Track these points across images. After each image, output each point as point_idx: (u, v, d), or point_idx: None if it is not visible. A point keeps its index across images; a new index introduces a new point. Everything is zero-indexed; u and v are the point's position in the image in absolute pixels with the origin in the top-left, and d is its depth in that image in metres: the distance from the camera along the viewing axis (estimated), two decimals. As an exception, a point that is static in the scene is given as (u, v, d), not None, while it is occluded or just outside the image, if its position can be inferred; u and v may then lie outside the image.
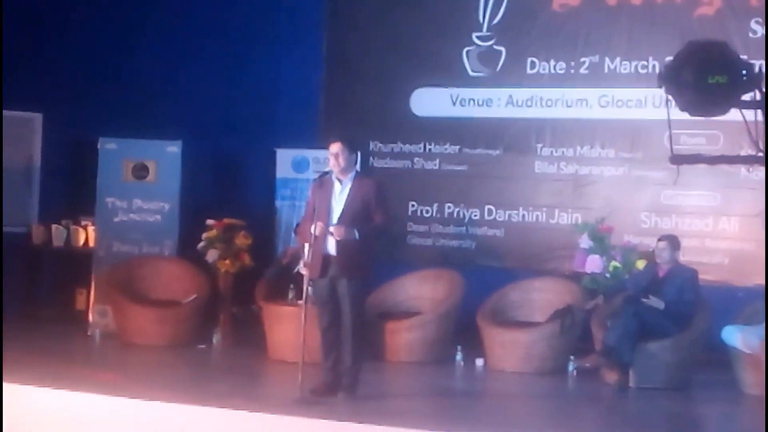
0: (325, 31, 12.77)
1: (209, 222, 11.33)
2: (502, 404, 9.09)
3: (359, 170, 8.81)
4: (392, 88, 12.31)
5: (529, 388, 9.67)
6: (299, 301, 8.90)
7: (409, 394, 9.33)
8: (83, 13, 12.46)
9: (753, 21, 10.91)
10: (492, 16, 11.97)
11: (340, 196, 8.42)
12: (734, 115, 5.93)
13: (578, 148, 11.64)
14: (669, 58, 5.96)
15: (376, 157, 12.34)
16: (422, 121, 12.28)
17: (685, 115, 5.88)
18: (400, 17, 12.36)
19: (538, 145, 11.80)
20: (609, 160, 11.51)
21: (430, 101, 12.25)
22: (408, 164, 12.30)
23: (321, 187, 8.46)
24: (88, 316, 11.66)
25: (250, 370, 10.09)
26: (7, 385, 8.04)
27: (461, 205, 12.07)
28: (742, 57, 5.92)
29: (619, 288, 10.18)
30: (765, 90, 5.52)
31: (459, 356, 10.47)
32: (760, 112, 5.53)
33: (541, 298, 10.71)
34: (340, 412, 7.89)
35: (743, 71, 5.56)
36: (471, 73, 12.08)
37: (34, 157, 12.55)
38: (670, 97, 5.74)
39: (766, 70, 5.83)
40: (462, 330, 10.66)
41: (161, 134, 11.69)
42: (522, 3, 11.92)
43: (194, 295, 11.14)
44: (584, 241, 10.65)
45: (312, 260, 8.32)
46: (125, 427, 7.90)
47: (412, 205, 12.24)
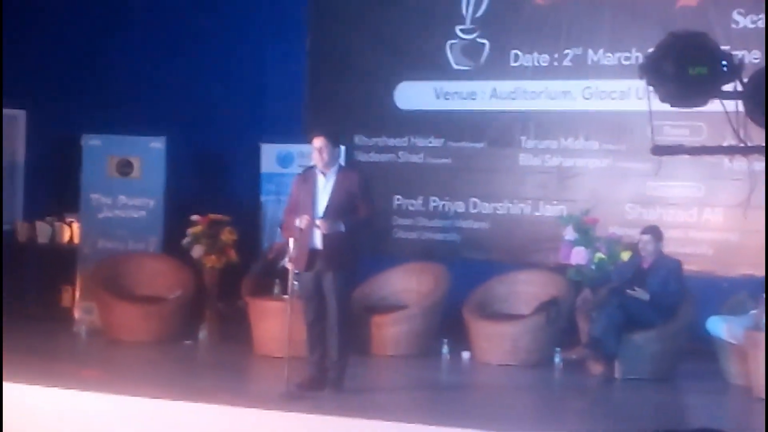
0: (309, 26, 12.75)
1: (194, 218, 11.32)
2: (488, 397, 9.11)
3: (342, 163, 8.82)
4: (376, 82, 12.31)
5: (516, 380, 9.67)
6: (285, 296, 8.90)
7: (396, 388, 9.33)
8: (66, 10, 12.42)
9: (735, 12, 10.92)
10: (475, 9, 11.97)
11: (324, 190, 8.42)
12: (717, 105, 5.95)
13: (562, 140, 11.65)
14: (651, 50, 5.97)
15: (361, 151, 12.34)
16: (406, 115, 12.27)
17: (668, 107, 5.88)
18: (384, 11, 12.35)
19: (522, 138, 11.81)
20: (593, 151, 11.53)
21: (414, 95, 12.25)
22: (392, 158, 12.30)
23: (305, 182, 8.47)
24: (74, 313, 11.64)
25: (237, 366, 10.08)
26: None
27: (446, 199, 12.08)
28: (724, 48, 5.94)
29: (604, 280, 10.18)
30: (766, 80, 5.51)
31: (445, 349, 10.48)
32: (740, 102, 5.53)
33: (527, 290, 10.72)
34: (326, 407, 7.90)
35: (724, 62, 5.57)
36: (455, 66, 12.08)
37: (18, 154, 12.52)
38: (651, 88, 5.74)
39: (766, 63, 5.84)
40: (448, 323, 10.66)
41: (145, 130, 11.66)
42: (505, -5, 11.94)
43: (179, 291, 11.13)
44: (569, 233, 10.66)
45: (298, 254, 8.32)
46: (111, 424, 7.91)
47: (397, 199, 12.24)
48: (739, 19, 10.92)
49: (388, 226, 12.16)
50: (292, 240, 8.32)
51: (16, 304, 11.82)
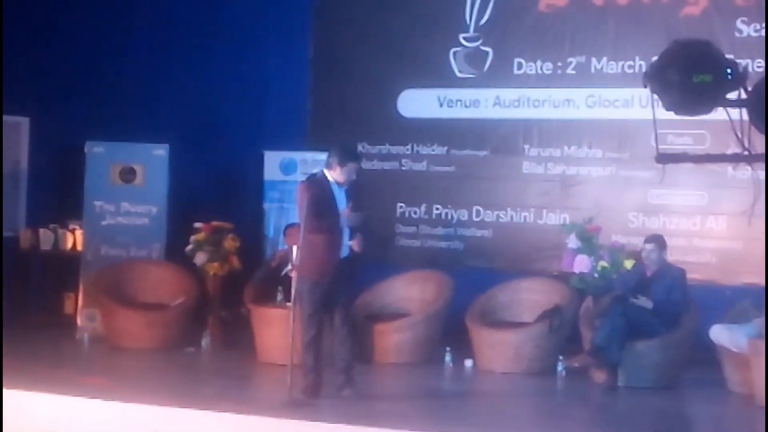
0: (312, 33, 12.77)
1: (197, 225, 11.33)
2: (491, 405, 9.10)
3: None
4: (380, 90, 12.32)
5: (518, 388, 9.67)
6: (288, 304, 8.90)
7: (398, 396, 9.32)
8: (71, 17, 12.43)
9: (739, 20, 10.94)
10: (479, 17, 11.98)
11: (339, 198, 8.56)
12: (721, 114, 5.95)
13: (565, 148, 11.65)
14: (655, 58, 5.97)
15: (364, 159, 12.23)
16: (410, 123, 12.28)
17: (672, 115, 5.88)
18: (387, 19, 12.37)
19: (526, 146, 11.81)
20: (596, 160, 11.53)
21: (417, 102, 12.26)
22: (396, 166, 12.30)
23: (321, 187, 8.48)
24: (77, 320, 11.64)
25: (239, 373, 10.08)
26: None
27: (449, 206, 12.08)
28: (728, 56, 5.94)
29: (607, 288, 10.19)
30: (765, 90, 5.52)
31: (448, 357, 10.48)
32: (745, 110, 5.54)
33: (530, 298, 10.72)
34: (329, 414, 7.90)
35: (728, 70, 5.57)
36: (458, 74, 12.09)
37: (22, 161, 12.52)
38: (655, 96, 5.75)
39: (766, 73, 5.84)
40: (451, 331, 10.66)
41: (149, 137, 11.67)
42: (508, 4, 11.93)
43: (182, 299, 11.13)
44: (572, 241, 10.65)
45: (324, 262, 8.41)
46: (114, 431, 7.89)
47: (400, 207, 12.24)
48: (743, 27, 10.92)
49: (392, 234, 12.16)
50: (295, 248, 8.33)
51: (19, 311, 11.81)
